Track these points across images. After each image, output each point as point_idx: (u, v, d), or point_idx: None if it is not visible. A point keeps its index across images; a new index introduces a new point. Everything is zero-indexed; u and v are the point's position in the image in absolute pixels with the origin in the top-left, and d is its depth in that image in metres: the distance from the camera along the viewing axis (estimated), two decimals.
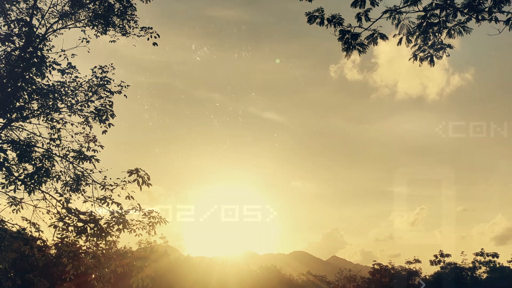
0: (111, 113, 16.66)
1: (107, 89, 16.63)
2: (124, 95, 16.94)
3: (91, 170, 16.38)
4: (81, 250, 15.41)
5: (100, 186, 15.93)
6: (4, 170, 15.13)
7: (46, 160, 16.26)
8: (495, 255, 60.24)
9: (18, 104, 15.46)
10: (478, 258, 60.69)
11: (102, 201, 15.22)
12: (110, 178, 15.93)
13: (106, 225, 14.74)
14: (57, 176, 16.53)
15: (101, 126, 16.67)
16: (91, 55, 17.96)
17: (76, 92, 16.38)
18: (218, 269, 57.41)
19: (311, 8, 11.29)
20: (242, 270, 60.91)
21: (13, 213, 15.61)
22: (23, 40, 15.53)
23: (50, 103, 16.08)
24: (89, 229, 14.74)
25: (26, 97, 15.46)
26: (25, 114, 15.81)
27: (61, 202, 15.48)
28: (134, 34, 17.92)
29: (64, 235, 14.78)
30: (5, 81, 15.01)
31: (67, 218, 14.92)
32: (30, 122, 16.17)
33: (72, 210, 15.19)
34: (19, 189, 15.54)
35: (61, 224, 14.74)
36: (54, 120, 16.52)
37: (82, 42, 17.54)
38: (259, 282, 59.48)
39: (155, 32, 17.78)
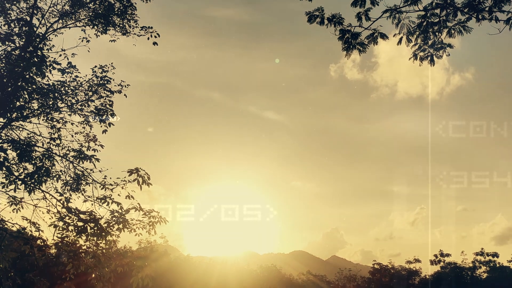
0: (111, 112, 16.68)
1: (107, 88, 16.65)
2: (124, 95, 16.97)
3: (91, 170, 16.43)
4: (81, 250, 15.43)
5: (100, 186, 15.95)
6: (4, 169, 15.14)
7: (46, 159, 16.26)
8: (495, 255, 60.25)
9: (18, 103, 15.47)
10: (478, 258, 60.70)
11: (102, 200, 15.23)
12: (110, 178, 15.97)
13: (106, 224, 14.75)
14: (57, 175, 16.54)
15: (101, 126, 16.71)
16: (91, 55, 17.96)
17: (76, 91, 16.39)
18: (218, 268, 57.42)
19: (311, 7, 11.33)
20: (242, 269, 60.88)
21: (13, 212, 15.60)
22: (23, 39, 15.54)
23: (50, 103, 16.08)
24: (89, 228, 14.74)
25: (26, 96, 15.46)
26: (25, 114, 15.81)
27: (61, 202, 15.49)
28: (134, 34, 17.93)
29: (64, 235, 14.80)
30: (5, 80, 15.01)
31: (67, 218, 14.94)
32: (30, 122, 16.19)
33: (72, 210, 15.19)
34: (19, 188, 15.58)
35: (61, 223, 14.77)
36: (54, 119, 16.53)
37: (82, 41, 17.56)
38: (259, 281, 59.45)
39: (155, 31, 17.81)
